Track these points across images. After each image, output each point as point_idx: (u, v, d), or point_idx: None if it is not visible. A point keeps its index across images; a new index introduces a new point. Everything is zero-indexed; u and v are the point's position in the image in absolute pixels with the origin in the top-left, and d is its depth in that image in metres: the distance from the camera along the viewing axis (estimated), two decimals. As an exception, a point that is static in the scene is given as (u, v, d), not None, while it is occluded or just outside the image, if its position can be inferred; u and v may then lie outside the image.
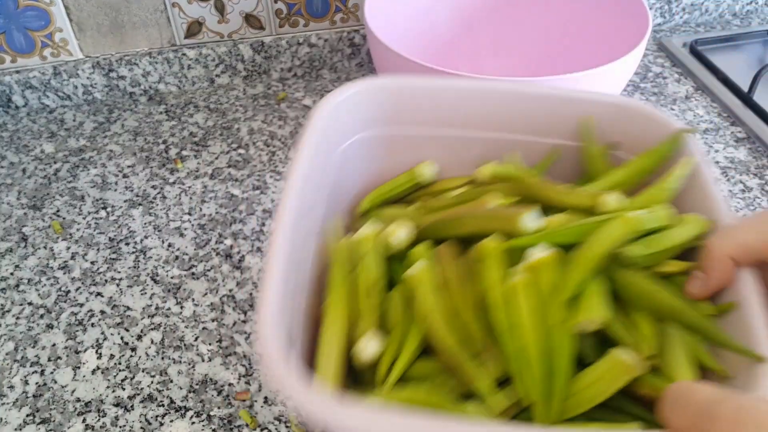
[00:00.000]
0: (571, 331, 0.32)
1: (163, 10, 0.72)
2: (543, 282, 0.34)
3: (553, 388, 0.32)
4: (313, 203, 0.39)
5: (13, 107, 0.75)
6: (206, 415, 0.45)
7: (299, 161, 0.37)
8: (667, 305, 0.33)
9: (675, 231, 0.35)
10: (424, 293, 0.35)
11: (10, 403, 0.46)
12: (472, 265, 0.37)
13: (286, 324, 0.31)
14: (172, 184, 0.65)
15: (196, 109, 0.75)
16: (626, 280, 0.34)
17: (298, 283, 0.35)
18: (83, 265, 0.56)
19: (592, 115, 0.43)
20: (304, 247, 0.37)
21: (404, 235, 0.39)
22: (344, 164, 0.43)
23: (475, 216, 0.39)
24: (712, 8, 0.89)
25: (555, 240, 0.35)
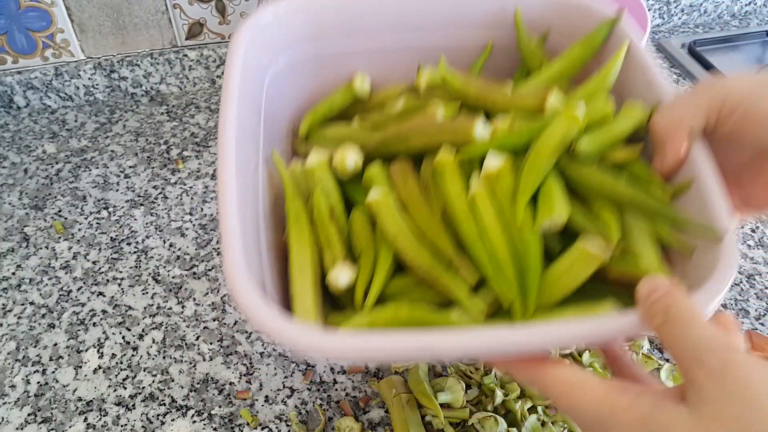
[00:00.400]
0: (537, 231, 0.33)
1: (164, 11, 0.72)
2: (501, 189, 0.35)
3: (527, 284, 0.33)
4: (252, 132, 0.38)
5: (15, 108, 0.76)
6: (207, 414, 0.45)
7: (229, 92, 0.35)
8: (624, 193, 0.34)
9: (619, 121, 0.36)
10: (388, 216, 0.36)
11: (11, 403, 0.46)
12: (428, 181, 0.38)
13: (253, 261, 0.31)
14: (174, 184, 0.65)
15: (197, 110, 0.75)
16: (581, 174, 0.35)
17: (254, 217, 0.35)
18: (85, 265, 0.56)
19: (519, 7, 0.44)
20: (252, 180, 0.36)
21: (353, 161, 0.40)
22: (276, 89, 0.43)
23: (424, 130, 0.39)
24: (711, 9, 0.89)
25: (506, 145, 0.36)
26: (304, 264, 0.35)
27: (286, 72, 0.43)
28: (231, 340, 0.50)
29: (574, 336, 0.27)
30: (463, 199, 0.35)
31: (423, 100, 0.43)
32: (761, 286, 0.52)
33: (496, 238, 0.34)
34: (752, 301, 0.51)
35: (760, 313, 0.50)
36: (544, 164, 0.34)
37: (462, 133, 0.37)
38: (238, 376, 0.47)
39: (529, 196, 0.34)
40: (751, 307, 0.50)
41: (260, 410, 0.45)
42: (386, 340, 0.27)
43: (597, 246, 0.32)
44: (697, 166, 0.33)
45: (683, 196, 0.33)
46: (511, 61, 0.46)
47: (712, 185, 0.32)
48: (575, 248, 0.33)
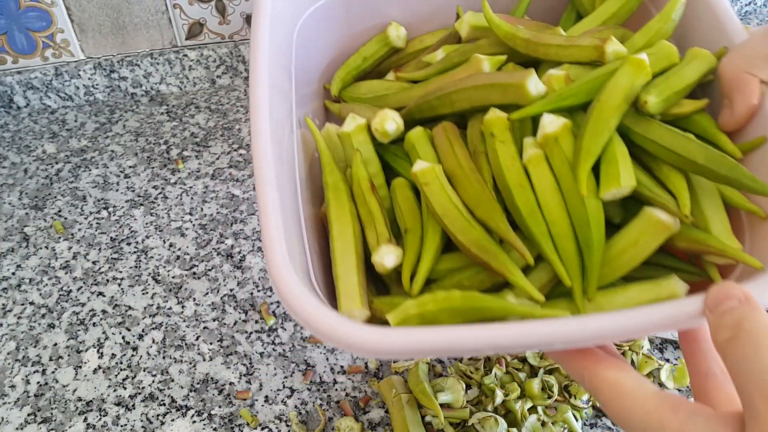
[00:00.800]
0: (599, 202, 0.30)
1: (164, 11, 0.72)
2: (560, 154, 0.31)
3: (589, 262, 0.30)
4: (284, 93, 0.35)
5: (15, 108, 0.76)
6: (207, 414, 0.45)
7: (259, 51, 0.33)
8: (697, 156, 0.30)
9: (685, 69, 0.32)
10: (436, 190, 0.33)
11: (11, 403, 0.46)
12: (477, 146, 0.34)
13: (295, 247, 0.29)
14: (174, 184, 0.65)
15: (197, 110, 0.75)
16: (647, 133, 0.31)
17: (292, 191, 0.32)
18: (85, 265, 0.56)
19: None
20: (288, 147, 0.34)
21: (395, 125, 0.36)
22: (305, 41, 0.39)
23: (470, 89, 0.35)
24: (712, 9, 0.89)
25: (564, 104, 0.32)
26: (347, 244, 0.33)
27: (313, 23, 0.40)
28: (231, 340, 0.50)
29: (642, 328, 0.25)
30: (518, 165, 0.32)
31: (465, 51, 0.39)
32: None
33: (554, 209, 0.31)
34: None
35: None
36: (609, 123, 0.31)
37: (513, 92, 0.33)
38: (238, 376, 0.47)
39: (593, 162, 0.30)
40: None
41: (260, 410, 0.45)
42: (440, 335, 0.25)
43: (667, 216, 0.29)
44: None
45: (753, 155, 0.30)
46: (559, 0, 0.41)
47: None
48: (643, 217, 0.29)
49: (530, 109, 0.32)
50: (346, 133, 0.36)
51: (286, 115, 0.35)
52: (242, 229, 0.59)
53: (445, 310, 0.29)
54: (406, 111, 0.38)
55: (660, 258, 0.31)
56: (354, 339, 0.25)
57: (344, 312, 0.31)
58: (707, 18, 0.34)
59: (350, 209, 0.34)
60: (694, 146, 0.30)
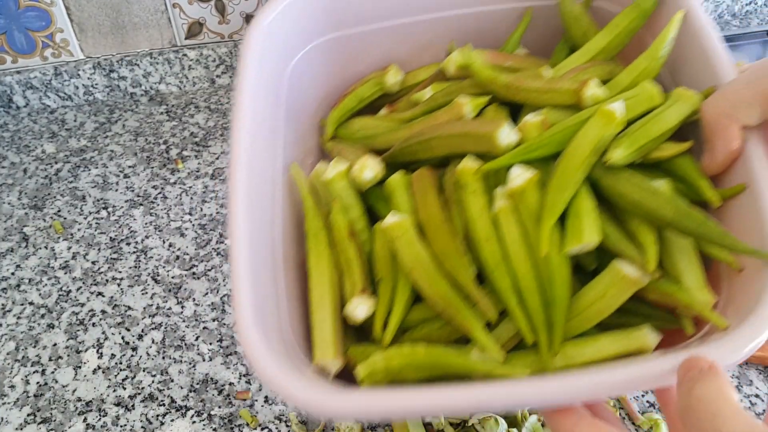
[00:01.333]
0: (565, 257, 0.30)
1: (163, 10, 0.72)
2: (527, 207, 0.31)
3: (553, 317, 0.30)
4: (269, 138, 0.35)
5: (14, 107, 0.76)
6: (207, 414, 0.45)
7: (242, 96, 0.33)
8: (664, 213, 0.30)
9: (664, 114, 0.32)
10: (405, 244, 0.33)
11: (11, 403, 0.46)
12: (451, 193, 0.35)
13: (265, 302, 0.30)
14: (173, 184, 0.65)
15: (196, 110, 0.75)
16: (615, 186, 0.31)
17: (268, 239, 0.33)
18: (84, 265, 0.56)
19: None
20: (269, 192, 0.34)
21: (372, 172, 0.37)
22: (300, 78, 0.40)
23: (445, 137, 0.36)
24: (711, 9, 0.89)
25: (533, 156, 0.33)
26: (324, 293, 0.34)
27: (309, 61, 0.40)
28: (230, 341, 0.50)
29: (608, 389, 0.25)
30: (486, 217, 0.32)
31: (451, 92, 0.39)
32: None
33: (520, 263, 0.31)
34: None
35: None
36: (574, 178, 0.31)
37: (485, 142, 0.34)
38: (237, 377, 0.47)
39: (556, 218, 0.31)
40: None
41: (260, 410, 0.45)
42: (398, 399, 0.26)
43: (635, 270, 0.29)
44: (752, 166, 0.29)
45: (734, 201, 0.30)
46: (554, 30, 0.41)
47: (766, 192, 0.28)
48: (611, 270, 0.30)
49: (499, 161, 0.33)
50: (327, 180, 0.37)
51: (271, 159, 0.35)
52: (242, 229, 0.59)
53: (410, 365, 0.30)
54: (389, 154, 0.39)
55: (635, 305, 0.31)
56: (311, 403, 0.26)
57: (317, 362, 0.32)
58: (697, 55, 0.34)
59: (329, 257, 0.35)
60: (663, 200, 0.30)
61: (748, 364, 0.46)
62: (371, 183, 0.38)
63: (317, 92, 0.43)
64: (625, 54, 0.39)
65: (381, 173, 0.38)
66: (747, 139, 0.29)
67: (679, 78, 0.36)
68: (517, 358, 0.31)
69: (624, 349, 0.30)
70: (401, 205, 0.36)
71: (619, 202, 0.31)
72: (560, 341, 0.30)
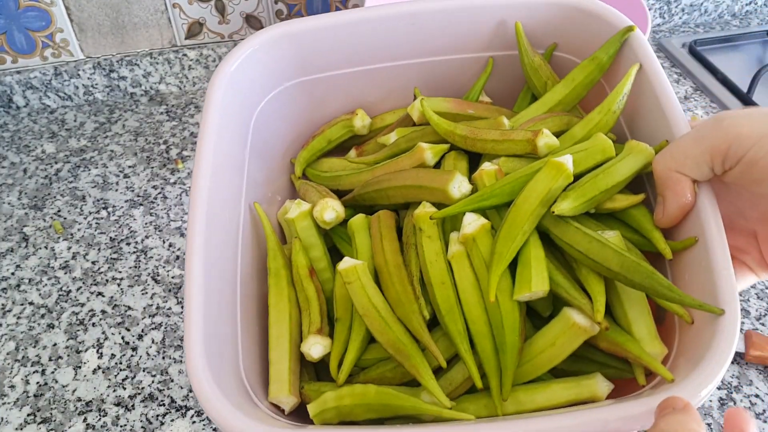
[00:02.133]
0: (515, 303, 0.31)
1: (163, 10, 0.72)
2: (479, 254, 0.32)
3: (504, 363, 0.31)
4: (231, 181, 0.36)
5: (14, 107, 0.76)
6: (207, 414, 0.45)
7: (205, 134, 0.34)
8: (609, 264, 0.30)
9: (616, 166, 0.33)
10: (359, 289, 0.34)
11: (11, 403, 0.46)
12: (409, 236, 0.36)
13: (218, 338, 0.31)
14: (173, 184, 0.65)
15: (196, 110, 0.75)
16: (564, 236, 0.32)
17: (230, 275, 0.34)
18: (84, 265, 0.56)
19: (519, 21, 0.40)
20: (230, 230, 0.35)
21: (332, 215, 0.38)
22: (268, 120, 0.41)
23: (402, 187, 0.38)
24: (712, 9, 0.89)
25: (484, 205, 0.34)
26: (282, 331, 0.35)
27: (277, 104, 0.41)
28: (230, 341, 0.50)
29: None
30: (441, 261, 0.34)
31: (413, 138, 0.41)
32: (762, 286, 0.52)
33: (473, 308, 0.32)
34: (753, 302, 0.51)
35: (761, 313, 0.50)
36: (523, 227, 0.31)
37: (438, 194, 0.35)
38: (237, 377, 0.47)
39: (504, 266, 0.31)
40: (751, 307, 0.50)
41: (260, 410, 0.45)
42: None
43: (584, 317, 0.30)
44: (703, 219, 0.30)
45: (686, 252, 0.31)
46: (517, 79, 0.43)
47: (717, 246, 0.29)
48: (561, 318, 0.31)
49: (451, 209, 0.34)
50: (291, 219, 0.39)
51: (234, 199, 0.36)
52: (242, 229, 0.59)
53: (361, 405, 0.31)
54: (350, 197, 0.40)
55: (590, 352, 0.32)
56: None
57: (272, 398, 0.33)
58: (652, 108, 0.35)
59: (289, 295, 0.36)
60: (610, 252, 0.31)
61: (748, 364, 0.46)
62: (333, 223, 0.39)
63: (287, 133, 0.44)
64: (586, 102, 0.40)
65: (342, 215, 0.39)
66: (698, 192, 0.30)
67: (634, 130, 0.37)
68: (469, 401, 0.32)
69: (575, 396, 0.30)
70: (361, 246, 0.37)
71: (568, 252, 0.32)
72: (510, 386, 0.30)
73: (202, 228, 0.31)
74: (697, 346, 0.28)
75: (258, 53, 0.39)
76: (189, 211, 0.32)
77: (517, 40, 0.41)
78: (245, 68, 0.39)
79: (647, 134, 0.35)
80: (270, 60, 0.40)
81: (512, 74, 0.43)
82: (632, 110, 0.37)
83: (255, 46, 0.39)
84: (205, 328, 0.29)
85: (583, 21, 0.39)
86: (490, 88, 0.45)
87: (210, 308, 0.30)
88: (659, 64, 0.36)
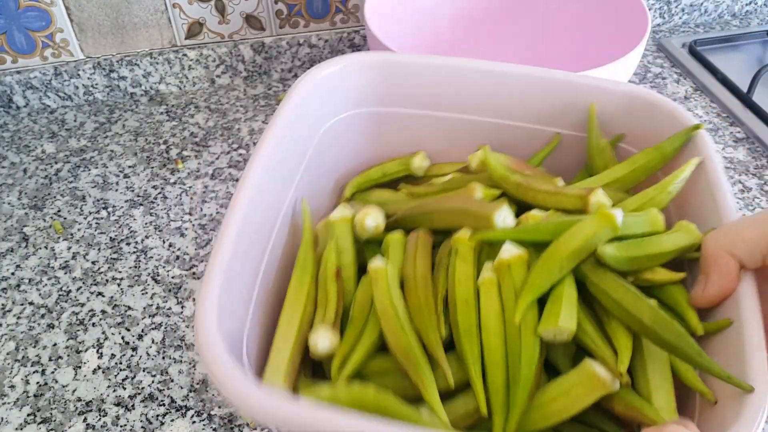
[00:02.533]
0: (537, 339, 0.30)
1: (163, 10, 0.72)
2: (510, 282, 0.32)
3: (514, 399, 0.29)
4: (283, 176, 0.37)
5: (14, 107, 0.76)
6: (207, 414, 0.45)
7: (268, 136, 0.35)
8: (643, 318, 0.29)
9: (662, 238, 0.33)
10: (381, 290, 0.33)
11: (11, 403, 0.46)
12: (443, 258, 0.36)
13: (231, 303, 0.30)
14: (173, 184, 0.65)
15: (196, 110, 0.75)
16: (600, 283, 0.31)
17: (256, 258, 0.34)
18: (84, 265, 0.56)
19: (595, 103, 0.41)
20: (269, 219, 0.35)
21: (373, 223, 0.38)
22: (332, 141, 0.41)
23: (446, 210, 0.37)
24: (711, 9, 0.89)
25: (526, 237, 0.33)
26: (292, 321, 0.34)
27: (345, 126, 0.42)
28: (230, 341, 0.50)
29: None
30: (470, 283, 0.33)
31: (468, 180, 0.41)
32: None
33: (492, 336, 0.31)
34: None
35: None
36: (559, 263, 0.31)
37: (483, 219, 0.34)
38: (237, 377, 0.47)
39: (535, 296, 0.30)
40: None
41: (260, 411, 0.45)
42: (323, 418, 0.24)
43: (607, 372, 0.29)
44: (741, 304, 0.29)
45: (718, 337, 0.30)
46: (578, 160, 0.43)
47: (752, 330, 0.28)
48: (581, 367, 0.29)
49: (494, 234, 0.33)
50: (331, 222, 0.38)
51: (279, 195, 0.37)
52: (242, 229, 0.59)
53: (355, 403, 0.29)
54: (393, 219, 0.40)
55: (598, 419, 0.31)
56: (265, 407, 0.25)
57: (266, 383, 0.31)
58: (705, 196, 0.35)
59: (309, 290, 0.35)
60: (644, 306, 0.30)
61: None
62: (372, 233, 0.38)
63: (346, 158, 0.44)
64: (640, 189, 0.40)
65: (382, 226, 0.39)
66: (742, 277, 0.30)
67: (683, 216, 0.37)
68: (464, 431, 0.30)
69: None
70: (393, 258, 0.37)
71: (601, 299, 0.31)
72: (515, 425, 0.29)
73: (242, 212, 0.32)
74: (718, 424, 0.27)
75: (342, 73, 0.40)
76: (235, 192, 0.32)
77: (589, 120, 0.41)
78: (327, 83, 0.39)
79: (698, 221, 0.35)
80: (350, 83, 0.41)
81: (574, 155, 0.43)
82: (684, 198, 0.37)
83: (341, 65, 0.40)
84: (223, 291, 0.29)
85: (654, 116, 0.39)
86: (549, 163, 0.44)
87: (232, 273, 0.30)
88: (720, 162, 0.36)
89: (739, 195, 0.61)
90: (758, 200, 0.61)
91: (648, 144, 0.40)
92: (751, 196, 0.61)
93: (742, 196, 0.61)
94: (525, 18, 0.73)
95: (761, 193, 0.61)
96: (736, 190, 0.62)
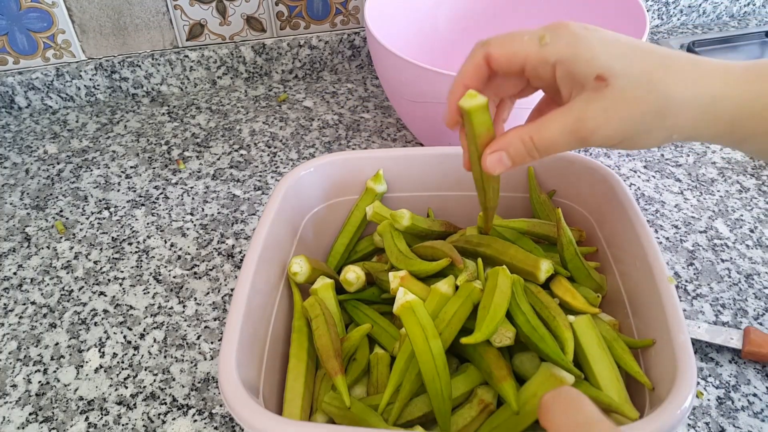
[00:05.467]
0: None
1: (165, 12, 0.73)
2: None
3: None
4: (278, 258, 0.44)
5: (16, 108, 0.76)
6: (208, 413, 0.45)
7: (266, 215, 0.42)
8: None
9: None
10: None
11: (13, 402, 0.46)
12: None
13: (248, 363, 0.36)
14: (175, 184, 0.65)
15: (198, 111, 0.76)
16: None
17: (262, 329, 0.40)
18: (86, 265, 0.57)
19: (531, 167, 0.48)
20: (270, 293, 0.42)
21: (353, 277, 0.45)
22: (315, 225, 0.49)
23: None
24: (710, 10, 0.89)
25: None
26: (298, 374, 0.40)
27: (324, 213, 0.49)
28: (232, 340, 0.50)
29: None
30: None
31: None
32: (759, 286, 0.52)
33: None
34: (750, 301, 0.51)
35: (759, 312, 0.50)
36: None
37: None
38: (238, 376, 0.48)
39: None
40: (749, 306, 0.50)
41: (261, 409, 0.46)
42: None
43: (559, 370, 0.34)
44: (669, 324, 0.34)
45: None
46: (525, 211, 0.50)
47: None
48: (540, 372, 0.35)
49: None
50: (314, 289, 0.44)
51: (278, 266, 0.44)
52: (243, 229, 0.60)
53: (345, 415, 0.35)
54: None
55: None
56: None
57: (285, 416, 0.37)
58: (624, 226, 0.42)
59: (308, 348, 0.41)
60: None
61: (746, 363, 0.46)
62: (357, 286, 0.45)
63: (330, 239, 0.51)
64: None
65: (363, 278, 0.45)
66: None
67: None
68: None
69: None
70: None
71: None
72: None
73: (253, 268, 0.39)
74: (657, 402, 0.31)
75: (315, 172, 0.47)
76: (244, 260, 0.39)
77: (529, 179, 0.49)
78: (306, 181, 0.47)
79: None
80: (322, 179, 0.48)
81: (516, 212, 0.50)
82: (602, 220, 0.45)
83: (315, 166, 0.47)
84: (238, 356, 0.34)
85: (577, 172, 0.47)
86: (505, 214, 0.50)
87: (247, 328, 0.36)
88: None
89: (737, 195, 0.62)
90: (756, 200, 0.61)
91: (575, 196, 0.48)
92: (749, 196, 0.62)
93: (740, 196, 0.62)
94: (524, 19, 0.73)
95: (759, 193, 0.62)
96: (734, 191, 0.62)
